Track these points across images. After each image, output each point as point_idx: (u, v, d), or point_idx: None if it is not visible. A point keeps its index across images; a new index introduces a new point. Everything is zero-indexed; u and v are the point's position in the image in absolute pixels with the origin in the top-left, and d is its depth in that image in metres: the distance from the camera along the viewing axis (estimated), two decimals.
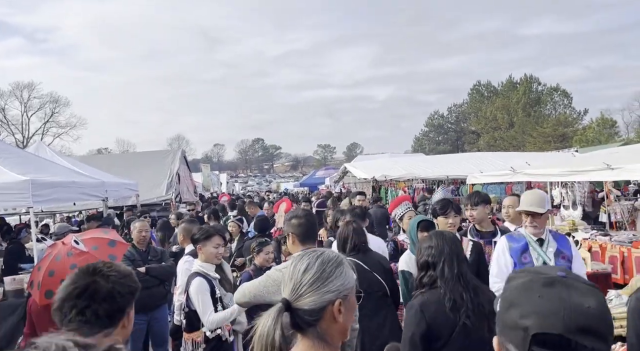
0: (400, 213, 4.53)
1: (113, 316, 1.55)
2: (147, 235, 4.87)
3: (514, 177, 7.94)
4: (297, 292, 1.30)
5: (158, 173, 13.72)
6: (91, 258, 2.91)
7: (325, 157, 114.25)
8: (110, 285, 1.57)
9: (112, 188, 9.00)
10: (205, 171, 23.73)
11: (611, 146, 23.70)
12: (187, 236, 4.39)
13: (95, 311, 1.52)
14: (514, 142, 53.67)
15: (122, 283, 1.61)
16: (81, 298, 1.53)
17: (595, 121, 39.58)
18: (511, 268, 3.18)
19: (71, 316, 1.52)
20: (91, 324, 1.51)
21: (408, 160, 15.07)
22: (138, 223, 4.96)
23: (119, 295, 1.58)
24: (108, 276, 1.59)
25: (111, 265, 1.67)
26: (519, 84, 61.68)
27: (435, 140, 73.93)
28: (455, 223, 3.63)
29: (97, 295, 1.54)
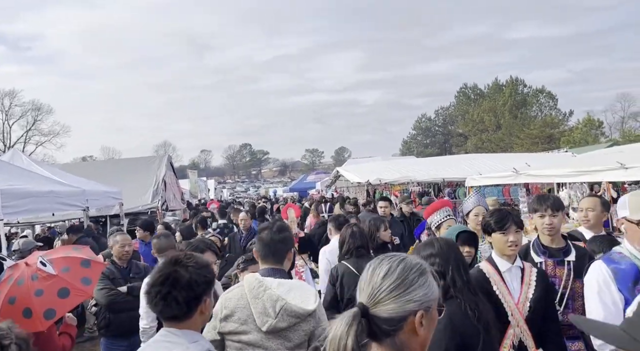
0: (439, 221, 3.80)
1: (190, 303, 1.78)
2: (129, 250, 4.39)
3: (516, 179, 7.63)
4: (375, 298, 1.24)
5: (143, 180, 13.17)
6: (60, 282, 2.48)
7: (314, 161, 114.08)
8: (189, 275, 1.78)
9: (94, 196, 8.48)
10: (192, 177, 23.16)
11: (598, 146, 23.77)
12: (160, 252, 3.89)
13: (175, 297, 1.75)
14: (501, 144, 53.94)
15: (199, 273, 1.81)
16: (164, 285, 1.76)
17: (582, 122, 39.84)
18: (622, 307, 2.23)
19: (156, 300, 1.77)
20: (171, 308, 1.76)
21: (401, 163, 14.76)
22: (119, 236, 4.47)
23: (195, 284, 1.78)
24: (187, 267, 1.80)
25: (191, 256, 1.88)
26: (505, 87, 62.17)
27: (423, 143, 74.12)
28: (517, 240, 2.64)
29: (177, 283, 1.76)
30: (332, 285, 3.71)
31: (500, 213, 2.79)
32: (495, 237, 2.69)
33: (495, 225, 2.67)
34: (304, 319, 2.25)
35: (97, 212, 10.60)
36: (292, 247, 2.63)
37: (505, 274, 2.64)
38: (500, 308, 2.55)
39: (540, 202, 2.97)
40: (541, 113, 58.63)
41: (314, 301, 2.30)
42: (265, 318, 2.21)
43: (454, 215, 8.25)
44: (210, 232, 6.85)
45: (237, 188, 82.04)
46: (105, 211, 10.90)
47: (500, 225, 2.66)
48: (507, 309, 2.54)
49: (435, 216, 3.77)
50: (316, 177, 28.15)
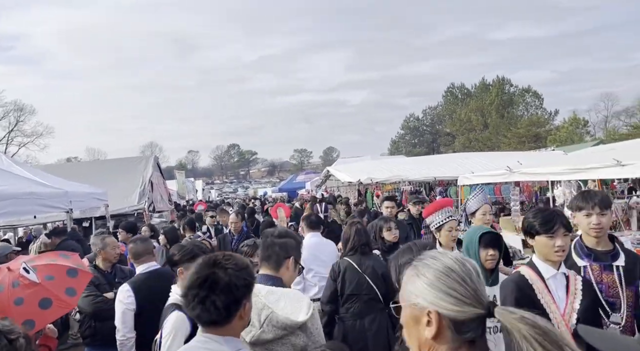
0: (440, 222, 3.40)
1: (229, 308, 1.66)
2: (118, 253, 4.20)
3: (510, 177, 7.54)
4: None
5: (130, 181, 12.87)
6: (43, 292, 2.28)
7: (302, 161, 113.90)
8: (228, 278, 1.67)
9: (77, 198, 8.19)
10: (179, 178, 22.80)
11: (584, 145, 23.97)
12: (136, 258, 3.62)
13: (213, 301, 1.64)
14: (489, 143, 54.34)
15: (239, 276, 1.70)
16: (202, 288, 1.66)
17: (568, 121, 40.27)
18: None
19: (193, 304, 1.66)
20: (209, 313, 1.65)
21: (392, 163, 14.66)
22: (109, 238, 4.26)
23: (235, 288, 1.67)
24: (226, 269, 1.69)
25: (230, 257, 1.77)
26: (491, 86, 62.64)
27: (411, 143, 74.40)
28: (565, 245, 2.33)
29: (215, 286, 1.66)
30: (333, 280, 3.78)
31: (546, 213, 2.43)
32: (540, 241, 2.36)
33: (541, 227, 2.35)
34: (293, 332, 2.07)
35: (81, 214, 10.30)
36: (294, 255, 2.42)
37: (550, 281, 2.36)
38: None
39: (586, 198, 2.61)
40: (527, 113, 59.24)
41: (306, 312, 2.12)
42: (249, 328, 2.03)
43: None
44: (200, 235, 6.63)
45: (225, 189, 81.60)
46: (90, 213, 10.60)
47: (547, 228, 2.33)
48: (553, 320, 2.26)
49: (436, 216, 3.42)
50: (306, 177, 27.89)
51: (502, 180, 8.33)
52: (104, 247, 4.19)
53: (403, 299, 1.24)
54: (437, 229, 3.42)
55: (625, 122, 49.62)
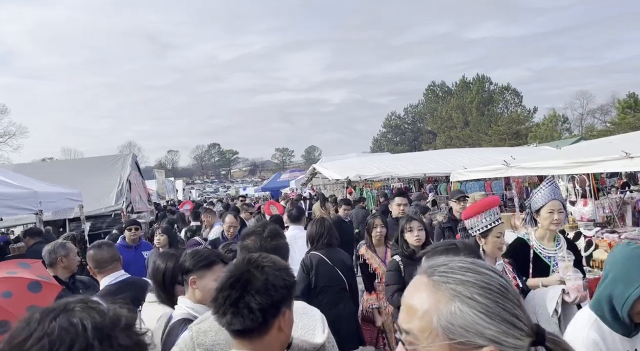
0: (486, 226, 2.78)
1: (266, 313, 1.40)
2: (77, 262, 3.71)
3: (507, 172, 7.27)
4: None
5: (106, 180, 12.25)
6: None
7: (284, 160, 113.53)
8: (264, 277, 1.45)
9: (48, 199, 7.61)
10: (159, 178, 22.06)
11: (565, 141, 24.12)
12: (100, 268, 3.09)
13: (247, 303, 1.39)
14: (469, 141, 54.76)
15: (277, 275, 1.46)
16: (235, 289, 1.42)
17: (548, 118, 40.74)
18: None
19: (224, 308, 1.41)
20: (243, 318, 1.38)
21: (379, 159, 14.34)
22: (70, 244, 3.74)
23: (273, 288, 1.43)
24: (262, 267, 1.48)
25: (267, 255, 1.57)
26: (472, 84, 63.18)
27: (393, 141, 74.65)
28: None
29: (250, 285, 1.43)
30: (306, 273, 3.83)
31: None
32: None
33: None
34: None
35: (53, 216, 9.68)
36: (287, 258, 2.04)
37: None
38: None
39: None
40: (507, 110, 59.96)
41: (322, 330, 1.74)
42: None
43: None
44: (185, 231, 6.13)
45: (206, 188, 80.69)
46: (64, 214, 9.98)
47: None
48: None
49: (481, 219, 2.79)
50: (290, 176, 27.36)
51: (499, 175, 8.05)
52: (67, 253, 3.65)
53: (427, 331, 0.81)
54: (482, 235, 2.82)
55: (600, 120, 50.78)
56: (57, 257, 3.72)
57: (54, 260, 3.73)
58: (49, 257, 3.71)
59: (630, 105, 34.85)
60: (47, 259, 3.69)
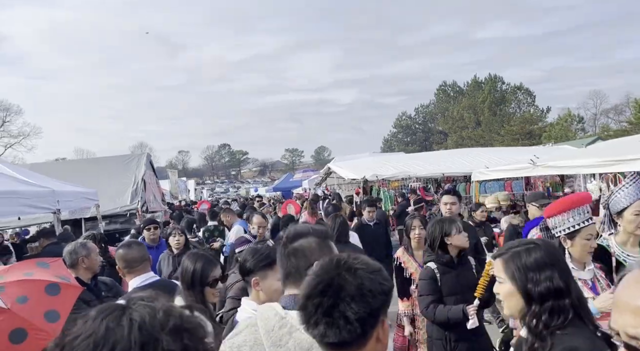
0: (573, 226, 2.41)
1: (364, 322, 1.21)
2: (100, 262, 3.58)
3: (533, 171, 7.04)
4: None
5: (121, 180, 12.20)
6: (13, 320, 1.68)
7: (294, 161, 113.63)
8: (359, 281, 1.24)
9: (66, 198, 7.54)
10: (172, 177, 22.06)
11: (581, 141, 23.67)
12: (130, 268, 2.93)
13: (343, 312, 1.20)
14: (481, 141, 54.20)
15: (373, 279, 1.26)
16: (326, 296, 1.22)
17: (563, 117, 40.15)
18: None
19: (316, 317, 1.22)
20: (339, 328, 1.19)
21: (394, 159, 14.13)
22: (91, 244, 3.61)
23: (370, 294, 1.23)
24: (355, 270, 1.26)
25: (357, 256, 1.35)
26: (483, 84, 62.58)
27: (404, 141, 74.22)
28: None
29: (343, 292, 1.23)
30: None
31: None
32: None
33: None
34: None
35: (70, 215, 9.63)
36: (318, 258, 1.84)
37: None
38: None
39: None
40: (519, 110, 59.26)
41: None
42: None
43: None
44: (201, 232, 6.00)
45: (216, 189, 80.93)
46: (80, 213, 9.93)
47: None
48: None
49: (568, 218, 2.42)
50: (303, 175, 27.20)
51: (525, 175, 7.83)
52: (88, 253, 3.48)
53: None
54: (567, 236, 2.45)
55: (614, 119, 49.96)
56: (78, 257, 3.58)
57: (75, 261, 3.60)
58: (70, 258, 3.59)
59: None
60: (68, 260, 3.57)
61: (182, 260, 2.82)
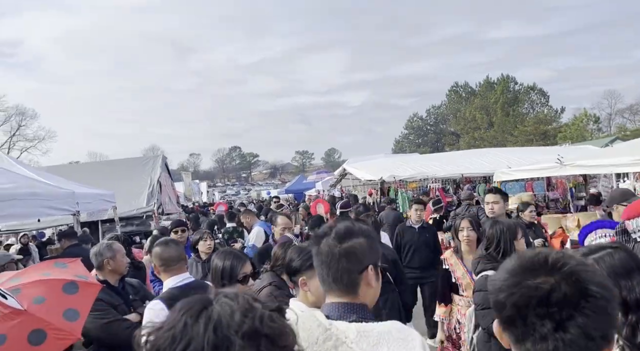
0: None
1: (606, 336, 0.94)
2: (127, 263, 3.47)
3: (560, 171, 6.84)
4: None
5: (137, 182, 12.21)
6: (32, 321, 1.59)
7: (304, 163, 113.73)
8: (585, 285, 0.94)
9: (85, 199, 7.52)
10: (186, 180, 22.10)
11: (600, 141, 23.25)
12: (168, 266, 2.77)
13: (583, 326, 0.91)
14: (494, 142, 53.61)
15: (601, 284, 0.95)
16: (553, 304, 0.93)
17: (579, 117, 39.53)
18: None
19: (546, 330, 0.92)
20: (579, 347, 0.91)
21: (412, 159, 13.96)
22: (116, 245, 3.48)
23: (604, 301, 0.93)
24: (571, 274, 0.94)
25: (569, 255, 1.00)
26: (496, 84, 61.99)
27: (415, 143, 73.82)
28: None
29: (571, 299, 0.93)
30: None
31: None
32: None
33: None
34: None
35: (87, 217, 9.62)
36: (372, 261, 1.57)
37: None
38: None
39: None
40: (533, 111, 58.57)
41: None
42: None
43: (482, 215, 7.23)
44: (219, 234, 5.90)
45: (227, 191, 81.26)
46: (97, 215, 9.92)
47: None
48: None
49: None
50: (317, 177, 27.04)
51: (551, 175, 7.62)
52: (114, 255, 3.38)
53: None
54: None
55: (629, 119, 49.06)
56: (103, 259, 3.49)
57: (100, 263, 3.52)
58: (96, 260, 3.52)
59: None
60: (95, 262, 3.50)
61: (212, 258, 2.73)
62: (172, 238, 3.31)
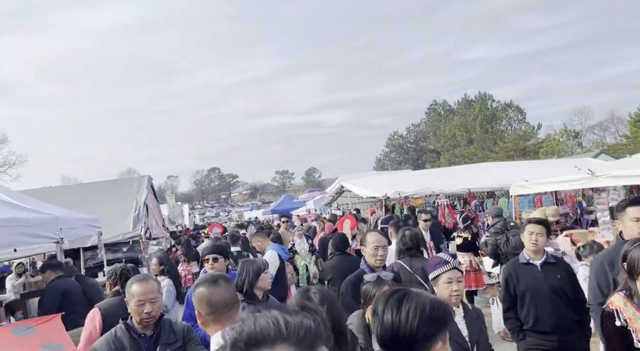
0: None
1: None
2: (154, 309, 2.60)
3: (591, 182, 6.40)
4: None
5: (122, 205, 11.31)
6: None
7: (284, 183, 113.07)
8: None
9: (69, 225, 6.66)
10: (170, 202, 21.12)
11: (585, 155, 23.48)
12: (214, 313, 2.04)
13: None
14: (475, 158, 54.16)
15: None
16: None
17: (559, 133, 40.24)
18: None
19: None
20: None
21: (412, 175, 13.48)
22: (136, 284, 2.61)
23: None
24: None
25: None
26: (474, 102, 63.06)
27: (396, 160, 74.09)
28: None
29: None
30: None
31: None
32: None
33: None
34: None
35: (69, 244, 8.71)
36: None
37: None
38: None
39: None
40: (511, 127, 59.61)
41: None
42: None
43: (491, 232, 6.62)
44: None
45: (207, 213, 79.74)
46: (80, 242, 9.00)
47: None
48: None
49: None
50: (309, 196, 26.32)
51: (579, 187, 7.18)
52: (129, 298, 2.67)
53: None
54: None
55: (599, 136, 50.48)
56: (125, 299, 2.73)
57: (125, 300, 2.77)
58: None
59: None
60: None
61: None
62: (222, 273, 2.48)
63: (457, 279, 2.60)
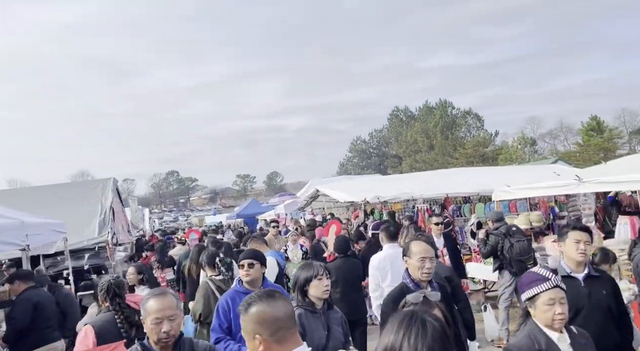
0: None
1: None
2: (174, 328, 2.27)
3: (578, 188, 6.48)
4: None
5: (86, 208, 10.60)
6: None
7: (245, 187, 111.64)
8: None
9: (35, 231, 6.12)
10: (133, 206, 20.16)
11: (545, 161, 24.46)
12: (274, 335, 1.68)
13: None
14: (435, 164, 55.43)
15: None
16: None
17: (517, 140, 41.75)
18: None
19: None
20: None
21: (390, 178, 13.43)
22: (153, 300, 2.29)
23: None
24: None
25: None
26: (435, 109, 64.60)
27: (359, 165, 74.67)
28: None
29: None
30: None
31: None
32: None
33: None
34: None
35: (32, 251, 8.02)
36: None
37: None
38: None
39: None
40: (470, 134, 61.48)
41: None
42: None
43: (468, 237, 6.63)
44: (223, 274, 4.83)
45: (165, 217, 77.41)
46: (42, 249, 8.31)
47: None
48: None
49: None
50: (279, 200, 25.82)
51: (567, 192, 7.28)
52: (145, 316, 2.35)
53: None
54: None
55: (549, 144, 53.27)
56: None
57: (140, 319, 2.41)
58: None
59: (593, 128, 36.21)
60: None
61: None
62: (276, 288, 2.14)
63: (560, 300, 2.25)
